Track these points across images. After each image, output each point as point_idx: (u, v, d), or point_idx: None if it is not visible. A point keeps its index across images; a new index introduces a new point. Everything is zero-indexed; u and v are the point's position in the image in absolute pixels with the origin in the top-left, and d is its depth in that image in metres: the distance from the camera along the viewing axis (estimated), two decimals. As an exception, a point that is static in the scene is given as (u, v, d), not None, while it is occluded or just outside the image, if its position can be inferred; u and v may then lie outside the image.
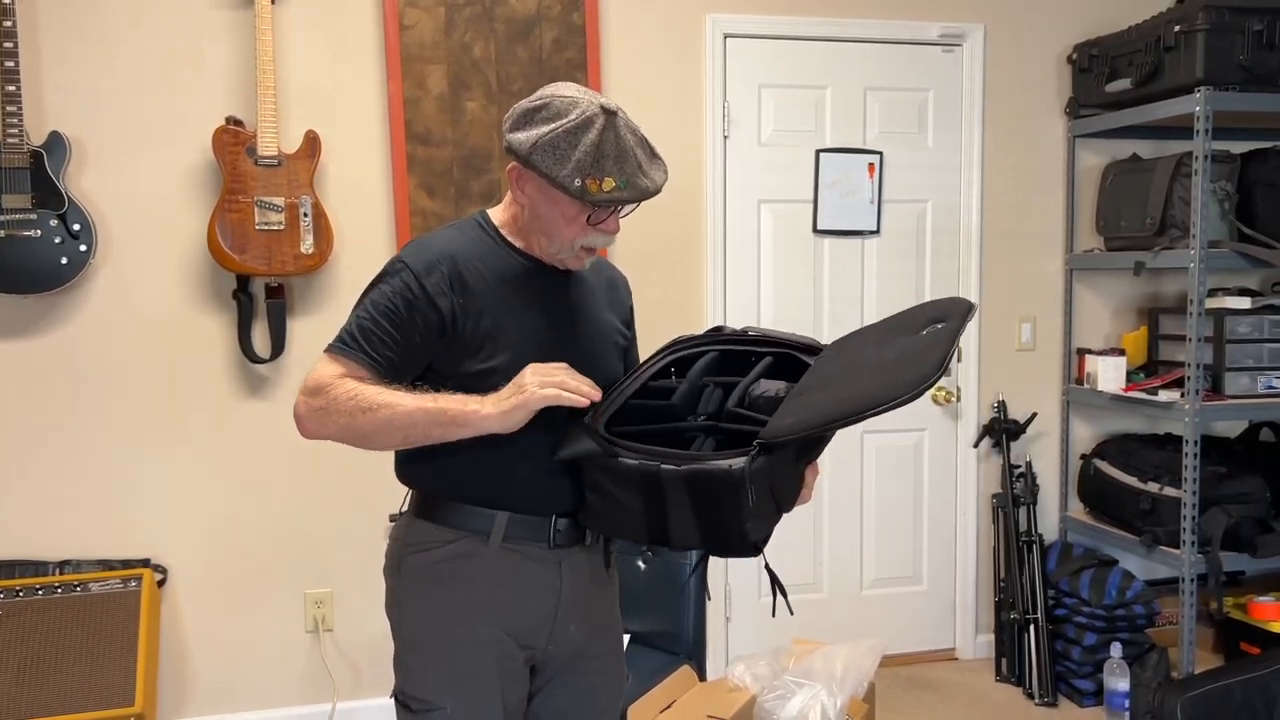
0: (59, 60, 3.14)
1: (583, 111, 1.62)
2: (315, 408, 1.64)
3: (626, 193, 1.64)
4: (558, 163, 1.61)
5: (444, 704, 1.69)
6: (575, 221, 1.68)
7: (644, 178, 1.66)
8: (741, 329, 1.87)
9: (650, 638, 2.89)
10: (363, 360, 1.65)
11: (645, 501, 1.59)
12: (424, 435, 1.62)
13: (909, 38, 3.78)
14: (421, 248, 1.71)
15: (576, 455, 1.63)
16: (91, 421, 3.22)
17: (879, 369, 1.55)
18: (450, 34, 3.37)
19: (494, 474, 1.67)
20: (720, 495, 1.52)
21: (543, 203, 1.69)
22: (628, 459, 1.59)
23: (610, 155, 1.62)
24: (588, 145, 1.61)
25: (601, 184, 1.61)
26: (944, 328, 1.58)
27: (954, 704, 3.61)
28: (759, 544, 1.57)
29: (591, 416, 1.66)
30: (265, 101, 3.12)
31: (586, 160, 1.61)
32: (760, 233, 3.74)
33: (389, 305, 1.66)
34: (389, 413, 1.59)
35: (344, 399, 1.61)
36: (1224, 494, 3.43)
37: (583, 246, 1.72)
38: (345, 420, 1.61)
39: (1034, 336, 3.97)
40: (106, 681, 2.87)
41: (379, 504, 2.95)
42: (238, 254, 3.14)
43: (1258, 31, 3.29)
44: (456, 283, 1.67)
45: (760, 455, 1.51)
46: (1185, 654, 3.40)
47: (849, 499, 3.89)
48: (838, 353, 1.73)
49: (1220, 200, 3.48)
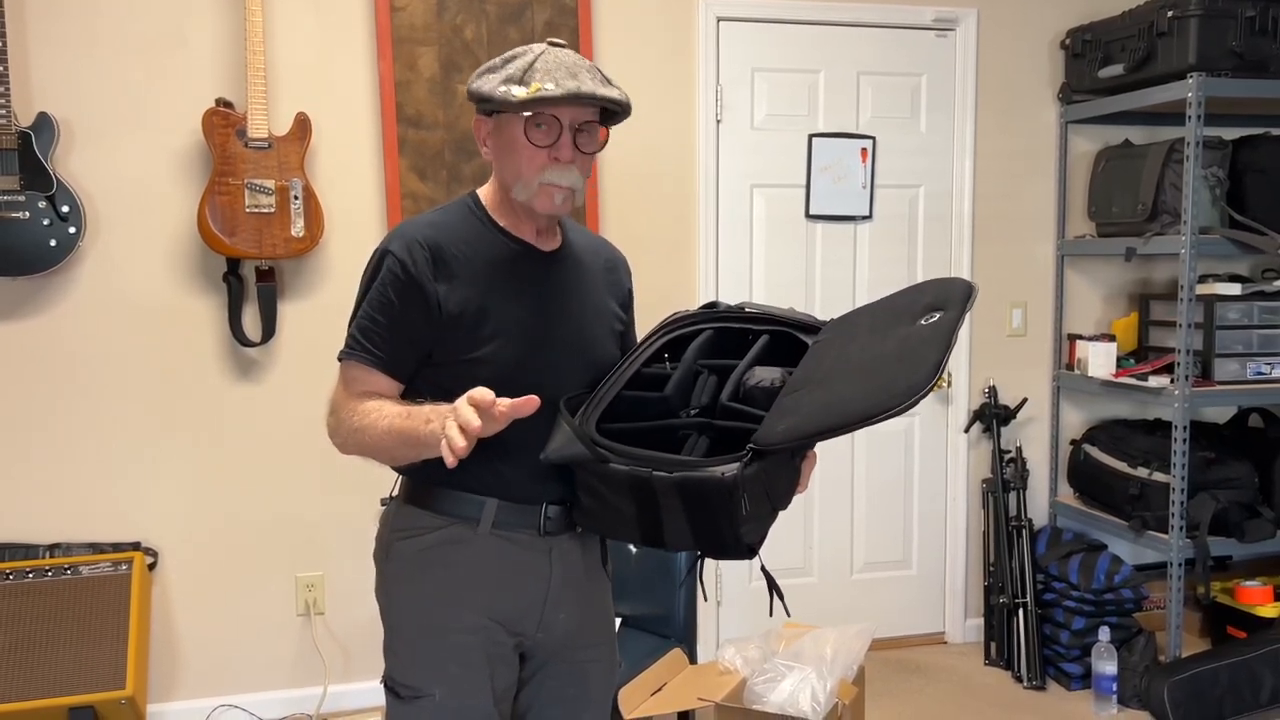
0: (47, 40, 3.11)
1: (528, 48, 1.65)
2: (331, 428, 1.68)
3: (555, 92, 1.59)
4: (490, 81, 1.63)
5: (432, 690, 1.68)
6: (528, 151, 1.64)
7: (574, 81, 1.62)
8: (738, 305, 1.83)
9: (641, 621, 2.90)
10: (368, 360, 1.65)
11: (638, 506, 1.56)
12: (404, 456, 1.62)
13: (902, 22, 3.77)
14: (403, 230, 1.69)
15: (565, 458, 1.61)
16: (81, 404, 3.21)
17: (875, 368, 1.50)
18: (441, 16, 3.35)
19: (484, 461, 1.65)
20: (713, 501, 1.50)
21: (498, 145, 1.68)
22: (618, 464, 1.56)
23: (541, 68, 1.62)
24: (521, 63, 1.62)
25: (529, 88, 1.60)
26: (942, 319, 1.53)
27: (943, 687, 3.63)
28: (754, 546, 1.56)
29: (583, 414, 1.63)
30: (255, 83, 3.10)
31: (517, 73, 1.62)
32: (753, 217, 3.73)
33: (382, 299, 1.65)
34: (373, 434, 1.61)
35: (346, 419, 1.64)
36: (1212, 479, 3.45)
37: (543, 184, 1.66)
38: (354, 440, 1.64)
39: (1025, 322, 3.98)
40: (97, 664, 2.86)
41: (370, 488, 2.95)
42: (228, 237, 3.12)
43: (1250, 17, 3.29)
44: (440, 264, 1.64)
45: (753, 461, 1.48)
46: (1172, 638, 3.42)
47: (839, 484, 3.90)
48: (835, 337, 1.69)
49: (1211, 186, 3.48)
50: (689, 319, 1.81)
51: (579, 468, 1.62)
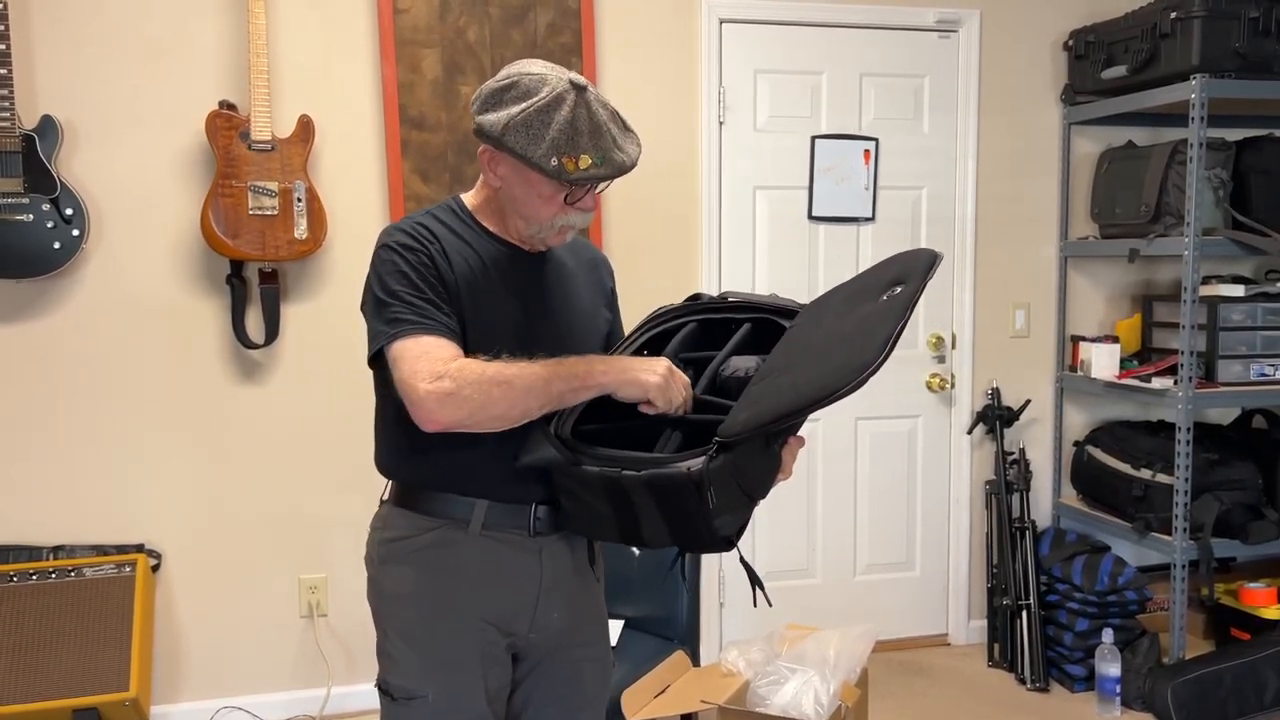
0: (50, 43, 3.12)
1: (552, 89, 1.60)
2: (445, 392, 1.53)
3: (603, 169, 1.61)
4: (532, 142, 1.58)
5: (425, 692, 1.68)
6: (552, 201, 1.65)
7: (619, 152, 1.63)
8: (720, 295, 1.84)
9: (644, 623, 2.89)
10: (440, 330, 1.60)
11: (613, 506, 1.57)
12: (558, 399, 1.59)
13: (905, 23, 3.77)
14: (396, 225, 1.69)
15: (538, 462, 1.61)
16: (85, 406, 3.21)
17: (832, 349, 1.51)
18: (444, 18, 3.35)
19: (472, 463, 1.66)
20: (683, 497, 1.49)
21: (518, 184, 1.66)
22: (589, 466, 1.56)
23: (585, 132, 1.59)
24: (561, 123, 1.58)
25: (578, 162, 1.59)
26: (901, 292, 1.53)
27: (946, 689, 3.63)
28: (731, 539, 1.55)
29: (560, 417, 1.63)
30: (258, 85, 3.11)
31: (561, 138, 1.58)
32: (755, 219, 3.73)
33: (407, 276, 1.61)
34: (524, 382, 1.55)
35: (472, 378, 1.54)
36: (1216, 481, 3.44)
37: (562, 225, 1.69)
38: (479, 398, 1.54)
39: (1028, 323, 3.97)
40: (101, 666, 2.87)
41: (373, 489, 2.94)
42: (231, 239, 3.12)
43: (1254, 18, 3.29)
44: (439, 254, 1.65)
45: (719, 454, 1.48)
46: (1176, 640, 3.42)
47: (843, 485, 3.89)
48: (807, 321, 1.70)
49: (1215, 188, 3.48)
50: (672, 313, 1.82)
51: (555, 471, 1.62)
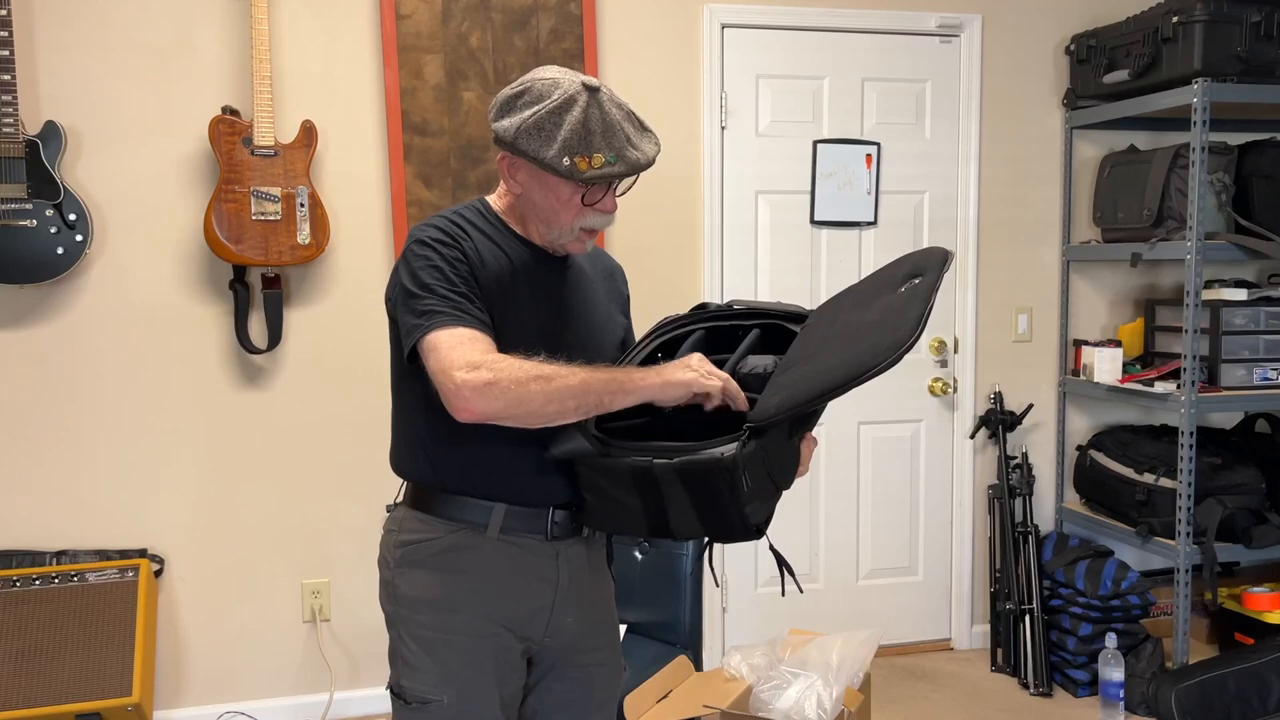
0: (54, 49, 3.13)
1: (565, 91, 1.61)
2: (483, 382, 1.51)
3: (618, 167, 1.61)
4: (544, 144, 1.59)
5: (440, 696, 1.68)
6: (571, 204, 1.66)
7: (634, 150, 1.63)
8: (726, 303, 1.85)
9: (647, 628, 2.89)
10: (475, 324, 1.59)
11: (642, 496, 1.57)
12: (596, 403, 1.56)
13: (907, 28, 3.77)
14: (427, 221, 1.69)
15: (568, 453, 1.61)
16: (88, 411, 3.22)
17: (859, 334, 1.53)
18: (447, 23, 3.36)
19: (491, 466, 1.66)
20: (716, 484, 1.51)
21: (536, 189, 1.67)
22: (619, 456, 1.57)
23: (597, 131, 1.60)
24: (573, 123, 1.59)
25: (591, 160, 1.59)
26: (921, 282, 1.56)
27: (949, 694, 3.62)
28: (760, 526, 1.56)
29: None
30: (261, 91, 3.11)
31: (573, 139, 1.59)
32: (757, 223, 3.74)
33: (443, 274, 1.61)
34: (563, 381, 1.53)
35: (510, 370, 1.53)
36: (1219, 485, 3.44)
37: (582, 229, 1.70)
38: (516, 391, 1.52)
39: (1030, 328, 3.97)
40: (104, 671, 2.87)
41: (376, 493, 2.95)
42: (234, 244, 3.13)
43: (1255, 23, 3.29)
44: (472, 251, 1.65)
45: (751, 439, 1.50)
46: (1180, 644, 3.41)
47: (846, 490, 3.89)
48: (821, 319, 1.71)
49: (1217, 192, 3.48)
50: (680, 321, 1.83)
51: (581, 466, 1.63)
